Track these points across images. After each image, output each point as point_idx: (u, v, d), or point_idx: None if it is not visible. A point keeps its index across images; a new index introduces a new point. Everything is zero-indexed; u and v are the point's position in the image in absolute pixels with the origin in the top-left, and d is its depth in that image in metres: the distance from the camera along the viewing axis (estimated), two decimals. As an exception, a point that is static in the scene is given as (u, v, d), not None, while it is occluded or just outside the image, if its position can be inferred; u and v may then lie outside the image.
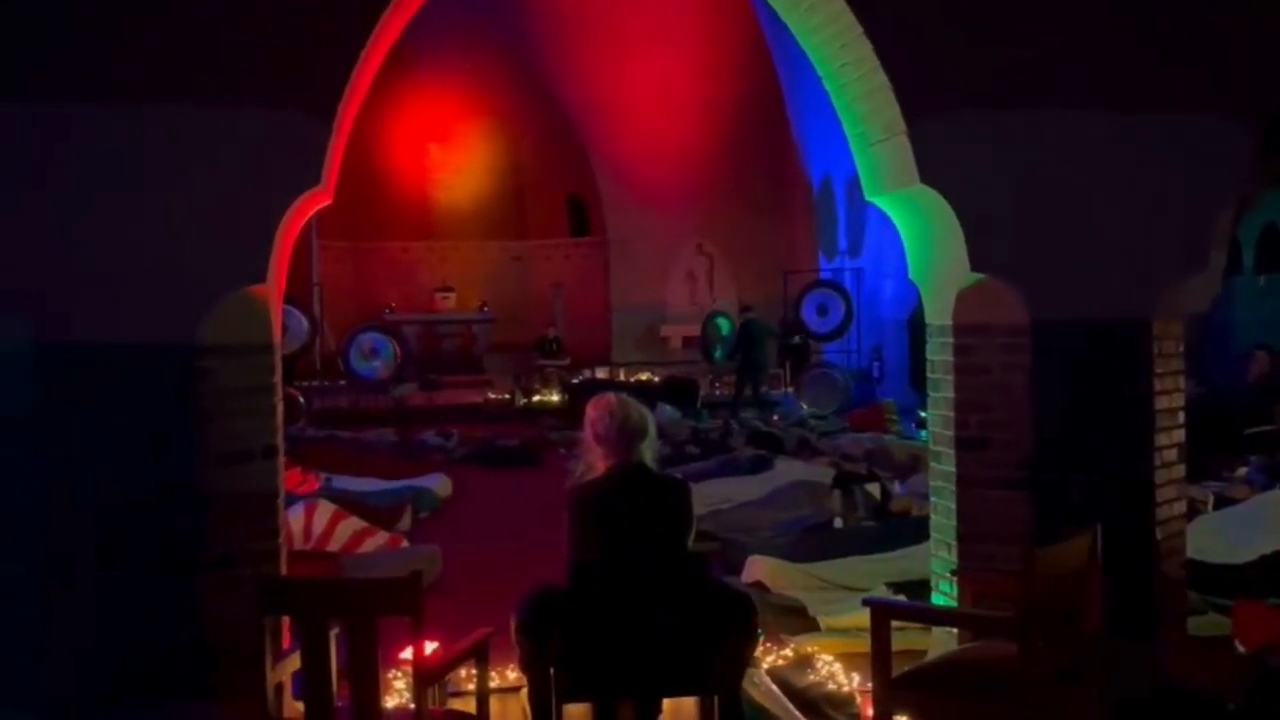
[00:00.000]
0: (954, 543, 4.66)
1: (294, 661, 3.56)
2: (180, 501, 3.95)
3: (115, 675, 3.94)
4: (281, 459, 4.24)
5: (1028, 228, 4.49)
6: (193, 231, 3.94)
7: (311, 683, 3.37)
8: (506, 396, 18.61)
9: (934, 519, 4.90)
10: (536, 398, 18.42)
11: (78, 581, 3.91)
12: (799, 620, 5.93)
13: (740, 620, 3.98)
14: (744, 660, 4.13)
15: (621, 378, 18.72)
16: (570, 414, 15.15)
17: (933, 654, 4.48)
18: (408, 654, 4.12)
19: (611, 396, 4.29)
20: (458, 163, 23.90)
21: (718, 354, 20.38)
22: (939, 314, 4.80)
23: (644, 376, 18.82)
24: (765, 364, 17.54)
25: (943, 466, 4.78)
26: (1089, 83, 4.47)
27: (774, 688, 4.98)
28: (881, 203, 5.00)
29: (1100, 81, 4.47)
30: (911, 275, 5.04)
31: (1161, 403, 4.66)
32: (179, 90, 3.90)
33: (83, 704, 3.91)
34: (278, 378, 4.22)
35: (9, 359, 3.92)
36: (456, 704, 4.38)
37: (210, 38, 3.93)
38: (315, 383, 18.36)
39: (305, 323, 16.86)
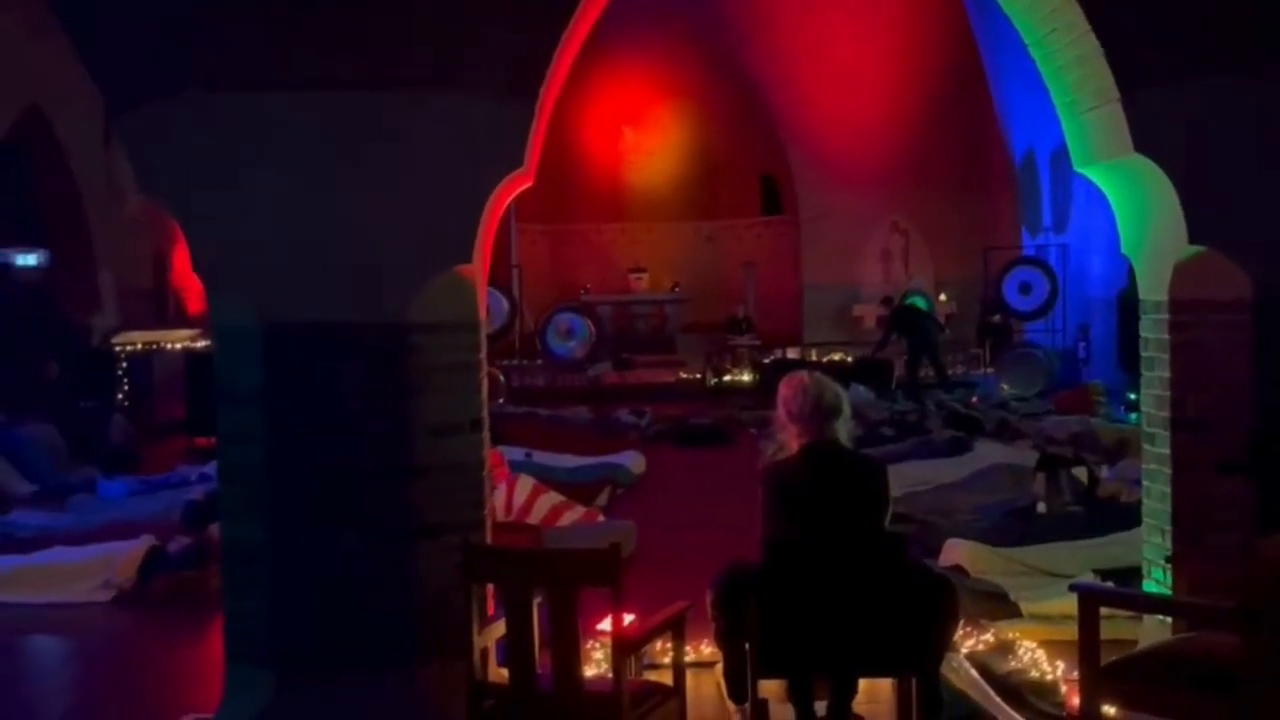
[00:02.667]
0: (1168, 528, 4.45)
1: (498, 628, 3.69)
2: (394, 472, 4.14)
3: (336, 636, 4.17)
4: (486, 433, 4.40)
5: (1251, 197, 4.23)
6: (404, 214, 4.11)
7: (515, 649, 3.49)
8: (698, 376, 18.71)
9: (1147, 503, 4.69)
10: (727, 377, 18.45)
11: (302, 546, 4.15)
12: (999, 605, 5.79)
13: (940, 603, 3.92)
14: (943, 643, 4.06)
15: (813, 357, 18.53)
16: (761, 393, 15.12)
17: (1144, 644, 4.30)
18: (606, 625, 4.22)
19: (805, 374, 4.27)
20: (651, 144, 24.08)
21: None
22: (1154, 289, 4.58)
23: (836, 356, 18.58)
24: (935, 343, 16.91)
25: (1157, 449, 4.57)
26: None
27: (974, 673, 4.87)
28: (1092, 173, 4.80)
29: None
30: (1124, 249, 4.83)
31: (1403, 383, 4.32)
32: (391, 77, 4.07)
33: (309, 663, 4.16)
34: (483, 354, 4.37)
35: (240, 338, 4.19)
36: (652, 676, 4.46)
37: (419, 25, 4.08)
38: (514, 361, 18.88)
39: (505, 303, 17.37)
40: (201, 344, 14.30)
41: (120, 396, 14.22)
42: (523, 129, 4.13)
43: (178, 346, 15.07)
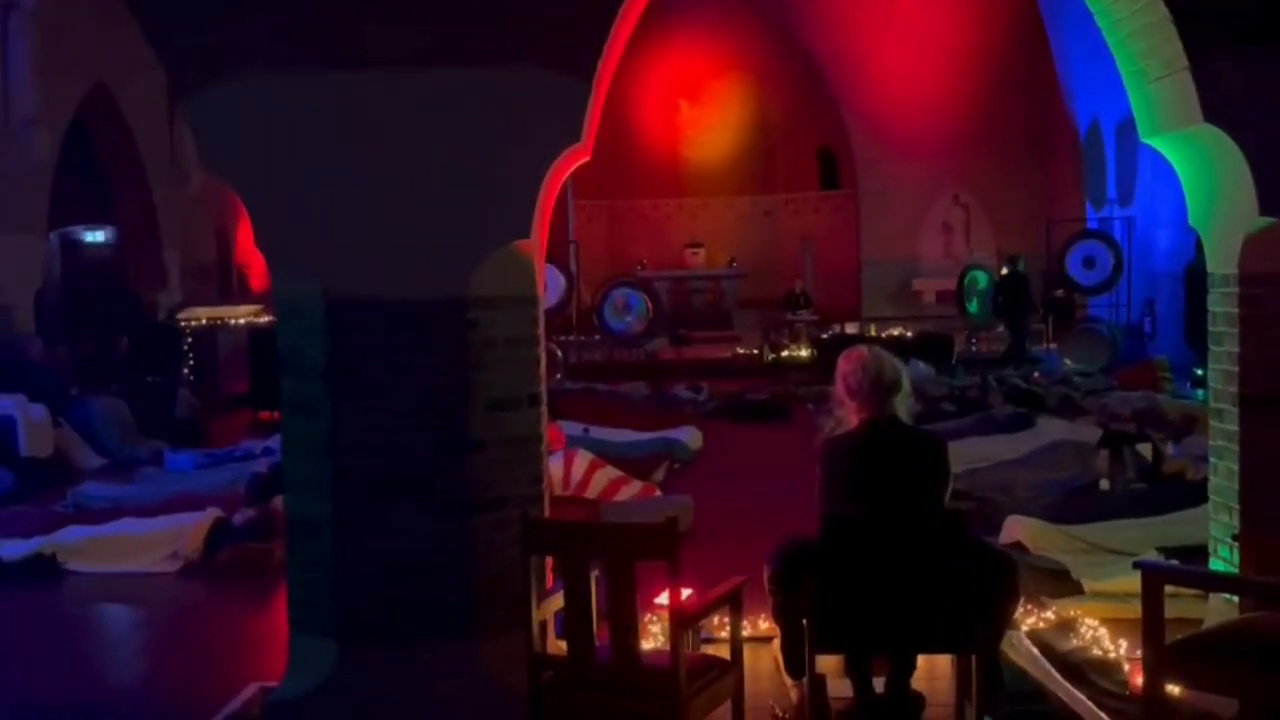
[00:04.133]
0: (1236, 506, 4.37)
1: (556, 601, 3.72)
2: (453, 446, 4.18)
3: (397, 607, 4.23)
4: (544, 407, 4.42)
5: (1327, 167, 4.12)
6: (462, 189, 4.13)
7: (574, 622, 3.51)
8: (755, 351, 18.66)
9: (1214, 481, 4.61)
10: (785, 353, 18.38)
11: (364, 519, 4.21)
12: (1060, 583, 5.74)
13: (1001, 580, 3.89)
14: (1004, 621, 4.03)
15: (872, 332, 18.39)
16: (819, 369, 15.04)
17: (1209, 623, 4.23)
18: (663, 599, 4.23)
19: (864, 349, 4.24)
20: (708, 119, 23.96)
21: (973, 308, 19.72)
22: (1223, 262, 4.48)
23: (895, 332, 18.42)
24: (1028, 318, 16.70)
25: (1225, 425, 4.48)
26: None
27: (1034, 651, 4.83)
28: (1159, 144, 4.70)
29: None
30: (1192, 221, 4.72)
31: None
32: (449, 52, 4.08)
33: (372, 634, 4.22)
34: (540, 329, 4.39)
35: (303, 313, 4.24)
36: (709, 650, 4.47)
37: (477, 1, 4.09)
38: (571, 337, 18.95)
39: (562, 279, 17.41)
40: (265, 319, 14.52)
41: (186, 371, 14.49)
42: (580, 103, 4.13)
43: (241, 322, 15.32)
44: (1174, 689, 3.80)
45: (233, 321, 15.39)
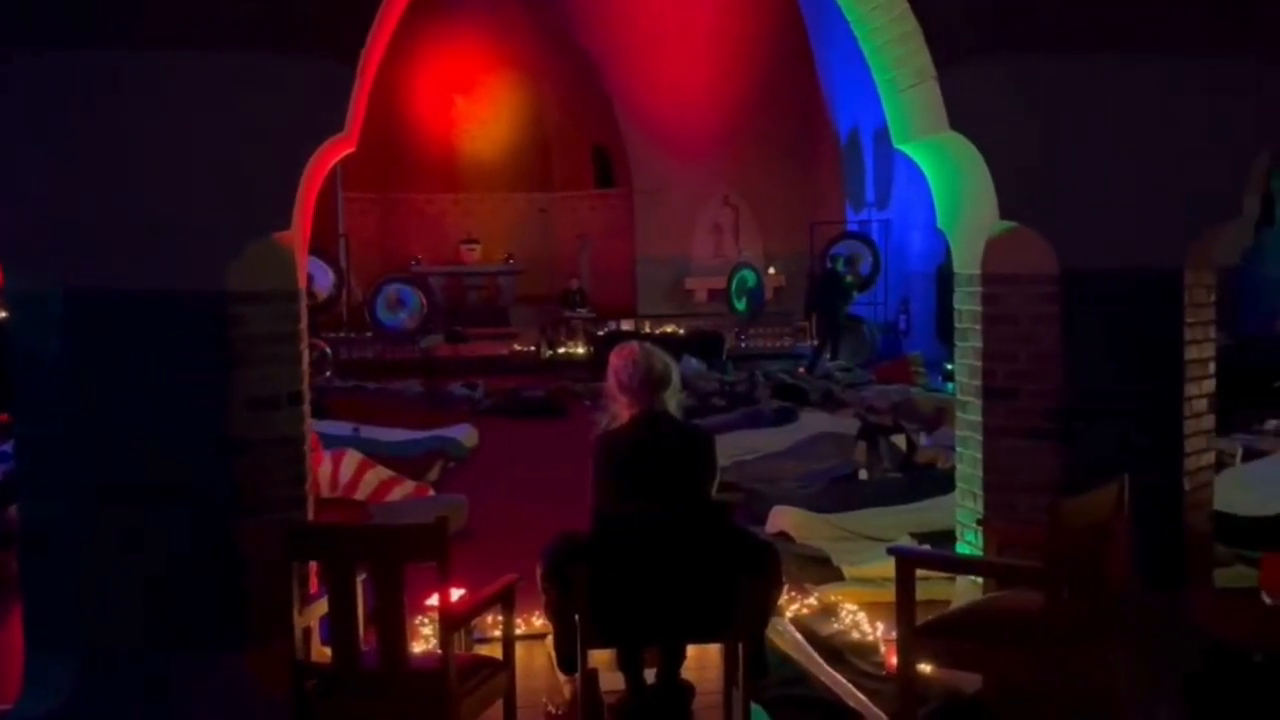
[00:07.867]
0: (980, 492, 4.65)
1: (321, 606, 3.60)
2: (209, 446, 3.97)
3: (147, 621, 3.99)
4: (307, 406, 4.26)
5: (1059, 175, 4.42)
6: (218, 178, 3.93)
7: (338, 627, 3.40)
8: (532, 348, 18.66)
9: (960, 468, 4.89)
10: (562, 350, 18.46)
11: (109, 526, 3.95)
12: (823, 570, 5.95)
13: (764, 569, 3.99)
14: (768, 609, 4.14)
15: (647, 330, 18.69)
16: (595, 366, 15.15)
17: (957, 604, 4.48)
18: (434, 600, 4.16)
19: (635, 345, 4.28)
20: (483, 114, 23.76)
21: (741, 306, 20.34)
22: (967, 263, 4.75)
23: (669, 329, 18.78)
24: (838, 318, 16.87)
25: (969, 416, 4.75)
26: (1120, 26, 4.37)
27: (798, 636, 5.00)
28: (910, 150, 4.94)
29: (1131, 24, 4.38)
30: (940, 224, 4.98)
31: (1191, 353, 4.60)
32: (203, 35, 3.88)
33: (117, 650, 3.96)
34: (303, 325, 4.23)
35: (37, 307, 3.94)
36: (482, 650, 4.41)
37: (233, -17, 3.90)
38: (342, 334, 18.43)
39: (331, 274, 16.91)
40: (0, 315, 13.45)
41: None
42: (343, 92, 3.99)
43: (-25, 318, 14.15)
44: (925, 667, 4.01)
45: (-35, 317, 14.20)
